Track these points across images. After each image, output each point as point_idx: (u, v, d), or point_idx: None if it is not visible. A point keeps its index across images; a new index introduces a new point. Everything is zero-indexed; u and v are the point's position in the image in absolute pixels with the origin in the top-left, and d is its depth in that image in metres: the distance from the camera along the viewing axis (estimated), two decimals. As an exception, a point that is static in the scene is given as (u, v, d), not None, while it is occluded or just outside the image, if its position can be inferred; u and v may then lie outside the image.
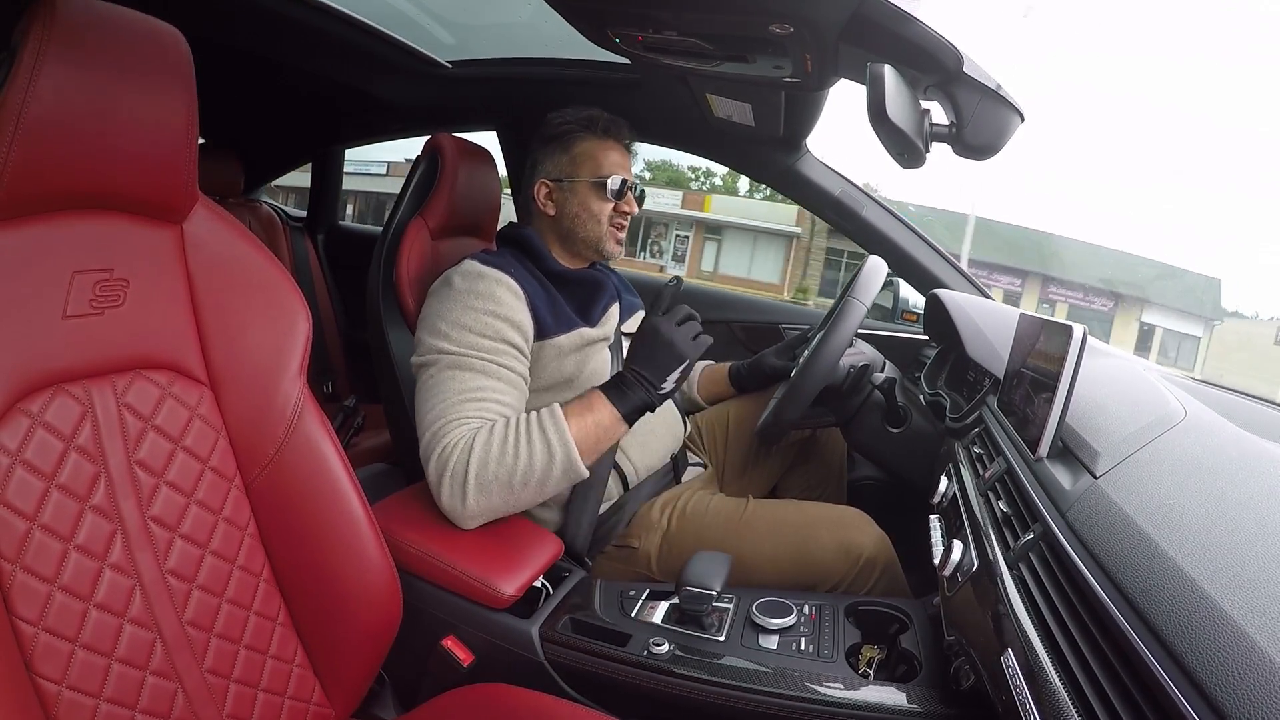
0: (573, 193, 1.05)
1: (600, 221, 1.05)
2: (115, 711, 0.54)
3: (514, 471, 0.82)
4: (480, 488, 0.81)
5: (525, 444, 0.83)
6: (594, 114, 1.06)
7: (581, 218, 1.05)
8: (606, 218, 1.05)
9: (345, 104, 1.93)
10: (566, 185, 1.05)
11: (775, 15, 0.73)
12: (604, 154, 1.05)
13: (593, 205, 1.04)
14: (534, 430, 0.84)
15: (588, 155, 1.05)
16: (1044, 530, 0.57)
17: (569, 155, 1.05)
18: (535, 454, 0.82)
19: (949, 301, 1.19)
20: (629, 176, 1.06)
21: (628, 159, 1.08)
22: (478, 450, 0.81)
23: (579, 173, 1.04)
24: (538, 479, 0.83)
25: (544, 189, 1.07)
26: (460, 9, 1.34)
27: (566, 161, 1.05)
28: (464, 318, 0.90)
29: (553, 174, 1.06)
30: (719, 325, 1.77)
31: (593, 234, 1.05)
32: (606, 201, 1.04)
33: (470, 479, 0.81)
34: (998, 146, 0.70)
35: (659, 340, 0.89)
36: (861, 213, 1.43)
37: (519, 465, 0.82)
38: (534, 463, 0.82)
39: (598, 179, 1.04)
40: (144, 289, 0.61)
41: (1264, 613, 0.36)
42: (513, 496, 0.83)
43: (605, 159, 1.05)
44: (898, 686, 0.72)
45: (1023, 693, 0.47)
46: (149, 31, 0.58)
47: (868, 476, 1.44)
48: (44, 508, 0.52)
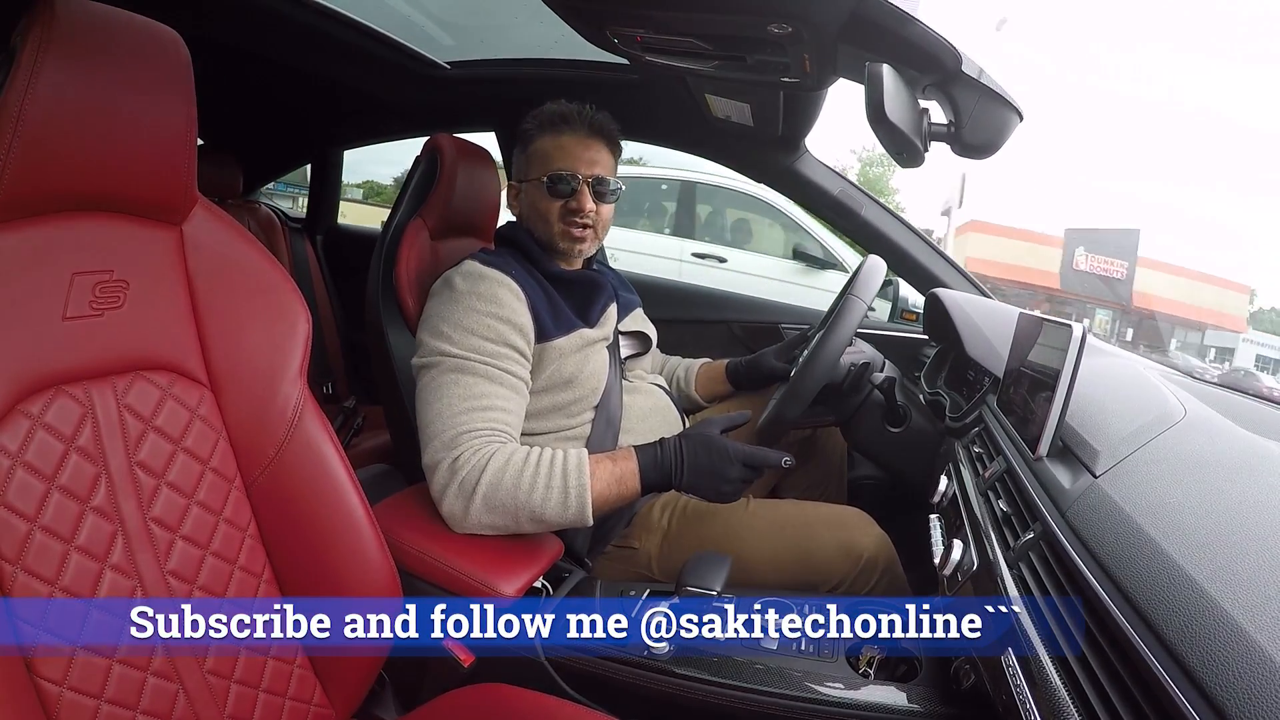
0: (526, 193, 1.03)
1: (548, 220, 1.00)
2: (116, 712, 0.54)
3: (524, 505, 0.81)
4: (486, 506, 0.81)
5: (544, 485, 0.81)
6: (556, 110, 1.01)
7: (532, 218, 1.02)
8: (555, 216, 1.00)
9: (344, 105, 1.93)
10: (524, 186, 1.04)
11: (774, 15, 0.73)
12: (555, 150, 1.00)
13: (539, 204, 1.01)
14: (556, 474, 0.82)
15: (540, 153, 1.01)
16: (1044, 529, 0.57)
17: (526, 155, 1.03)
18: (551, 499, 0.81)
19: (948, 301, 1.19)
20: (580, 170, 0.99)
21: (598, 154, 1.01)
22: (491, 471, 0.80)
23: (531, 172, 1.02)
24: (545, 520, 0.82)
25: (512, 190, 1.06)
26: (459, 10, 1.34)
27: (524, 161, 1.04)
28: (466, 320, 0.89)
29: (516, 175, 1.05)
30: (719, 325, 1.77)
31: (543, 234, 1.02)
32: (551, 200, 0.99)
33: (479, 495, 0.80)
34: (997, 145, 0.70)
35: (722, 475, 0.84)
36: (861, 212, 1.43)
37: (531, 502, 0.81)
38: (547, 505, 0.81)
39: (544, 177, 1.00)
40: (144, 290, 0.61)
41: (1264, 612, 0.36)
42: (513, 524, 0.83)
43: (555, 155, 1.00)
44: (898, 686, 0.72)
45: (1023, 693, 0.47)
46: (148, 33, 0.58)
47: (868, 476, 1.44)
48: (45, 509, 0.52)
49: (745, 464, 0.85)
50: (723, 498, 0.86)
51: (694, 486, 0.85)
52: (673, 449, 0.86)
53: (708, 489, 0.85)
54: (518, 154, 1.05)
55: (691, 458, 0.85)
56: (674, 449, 0.85)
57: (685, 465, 0.84)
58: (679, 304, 1.79)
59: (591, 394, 0.99)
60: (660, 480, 0.85)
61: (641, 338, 1.17)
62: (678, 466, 0.85)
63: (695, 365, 1.35)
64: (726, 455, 0.84)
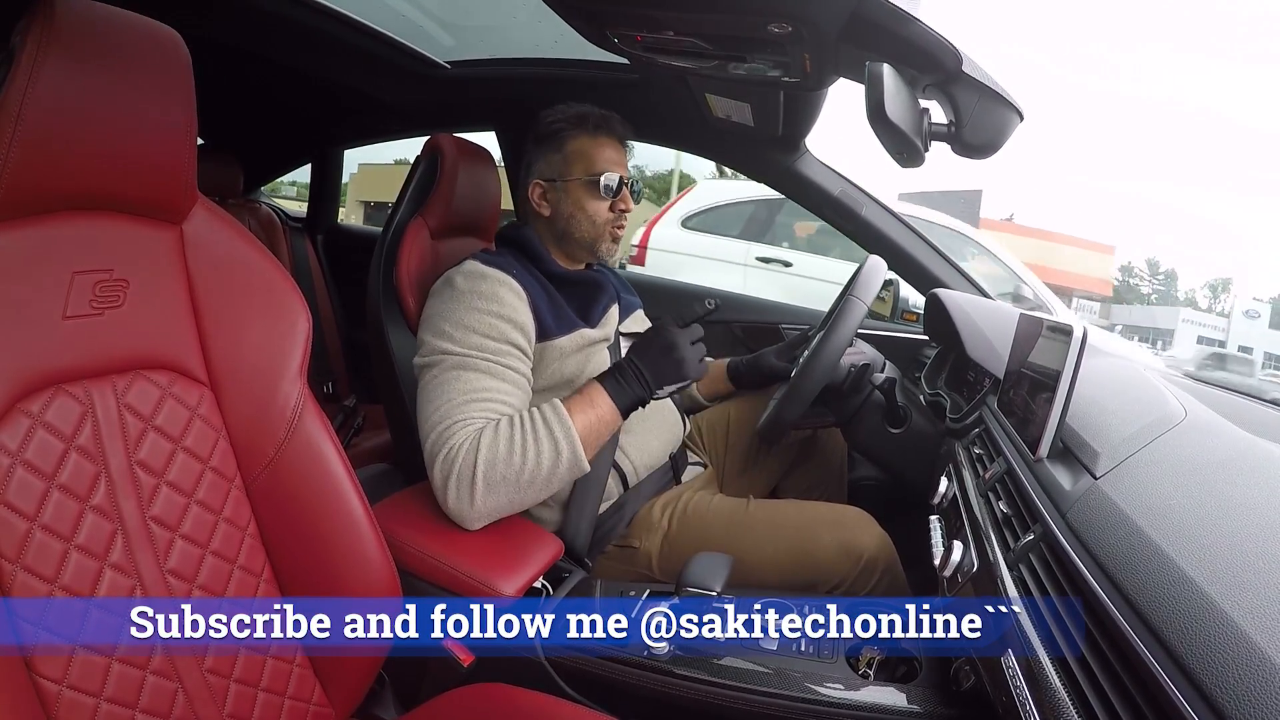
0: (566, 193, 1.03)
1: (595, 222, 1.03)
2: (115, 711, 0.54)
3: (522, 470, 0.82)
4: (488, 488, 0.81)
5: (532, 442, 0.83)
6: (585, 110, 1.04)
7: (577, 218, 1.03)
8: (603, 218, 1.03)
9: (344, 105, 1.93)
10: (560, 185, 1.03)
11: (774, 15, 0.73)
12: (597, 151, 1.03)
13: (587, 205, 1.03)
14: (539, 427, 0.84)
15: (580, 153, 1.03)
16: (1044, 531, 0.57)
17: (561, 154, 1.03)
18: (543, 451, 0.82)
19: (949, 301, 1.19)
20: (624, 173, 1.04)
21: (623, 155, 1.06)
22: (484, 450, 0.81)
23: (571, 172, 1.03)
24: (544, 476, 0.83)
25: (538, 189, 1.05)
26: (459, 10, 1.34)
27: (559, 160, 1.04)
28: (468, 318, 0.89)
29: (546, 174, 1.05)
30: (719, 325, 1.77)
31: (588, 234, 1.04)
32: (601, 200, 1.02)
33: (478, 479, 0.81)
34: (997, 145, 0.70)
35: (672, 351, 0.90)
36: (861, 212, 1.43)
37: (527, 463, 0.82)
38: (541, 460, 0.82)
39: (591, 177, 1.02)
40: (144, 289, 0.61)
41: (1264, 613, 0.36)
42: (519, 495, 0.83)
43: (599, 156, 1.02)
44: (898, 687, 0.72)
45: (1023, 693, 0.47)
46: (148, 33, 0.58)
47: (868, 476, 1.44)
48: (44, 508, 0.52)
49: (680, 327, 0.93)
50: (692, 371, 0.92)
51: (659, 377, 0.91)
52: (626, 361, 0.92)
53: (671, 373, 0.91)
54: (548, 153, 1.05)
55: (642, 357, 0.91)
56: (626, 361, 0.92)
57: (642, 366, 0.90)
58: (680, 304, 1.79)
59: (592, 394, 1.00)
60: (630, 391, 0.90)
61: None
62: (635, 371, 0.90)
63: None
64: (665, 336, 0.92)
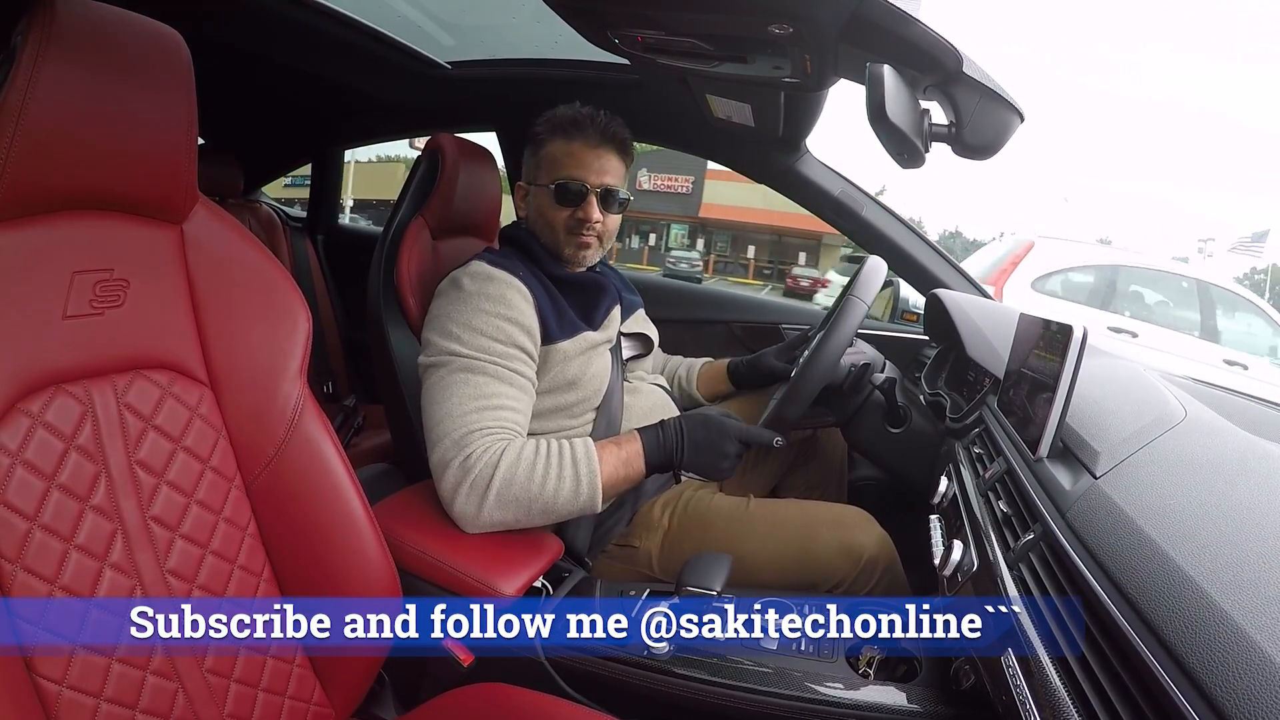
0: (534, 197, 1.02)
1: (554, 228, 1.00)
2: (116, 711, 0.54)
3: (538, 496, 0.82)
4: (500, 503, 0.81)
5: (555, 475, 0.82)
6: (567, 114, 1.00)
7: (539, 223, 1.02)
8: (561, 224, 0.99)
9: (344, 105, 1.93)
10: (533, 189, 1.03)
11: (775, 15, 0.73)
12: (566, 156, 0.99)
13: (547, 210, 1.00)
14: (566, 463, 0.83)
15: (549, 158, 1.00)
16: (1044, 530, 0.57)
17: (537, 158, 1.03)
18: (563, 486, 0.82)
19: (949, 301, 1.19)
20: (590, 179, 0.98)
21: (606, 161, 1.00)
22: (504, 467, 0.81)
23: (540, 176, 1.02)
24: (557, 508, 0.83)
25: (519, 191, 1.06)
26: (459, 10, 1.34)
27: (534, 164, 1.03)
28: (475, 320, 0.89)
29: (526, 176, 1.05)
30: (719, 325, 1.77)
31: (550, 240, 1.01)
32: (559, 209, 0.99)
33: (492, 492, 0.80)
34: (997, 146, 0.70)
35: (721, 453, 0.88)
36: (861, 213, 1.43)
37: (544, 493, 0.82)
38: (560, 493, 0.82)
39: (553, 182, 0.99)
40: (144, 289, 0.61)
41: (1264, 613, 0.36)
42: (526, 516, 0.83)
43: (565, 161, 0.99)
44: (898, 686, 0.72)
45: (1023, 693, 0.47)
46: (149, 33, 0.58)
47: (868, 476, 1.44)
48: (44, 507, 0.52)
49: (740, 440, 0.89)
50: (720, 474, 0.89)
51: (694, 464, 0.88)
52: (674, 428, 0.89)
53: (706, 466, 0.89)
54: (528, 155, 1.05)
55: (691, 435, 0.89)
56: (675, 428, 0.89)
57: (686, 443, 0.88)
58: (680, 304, 1.79)
59: (594, 395, 1.00)
60: (663, 459, 0.88)
61: (643, 339, 1.17)
62: (679, 444, 0.88)
63: (697, 364, 1.35)
64: (724, 431, 0.89)
